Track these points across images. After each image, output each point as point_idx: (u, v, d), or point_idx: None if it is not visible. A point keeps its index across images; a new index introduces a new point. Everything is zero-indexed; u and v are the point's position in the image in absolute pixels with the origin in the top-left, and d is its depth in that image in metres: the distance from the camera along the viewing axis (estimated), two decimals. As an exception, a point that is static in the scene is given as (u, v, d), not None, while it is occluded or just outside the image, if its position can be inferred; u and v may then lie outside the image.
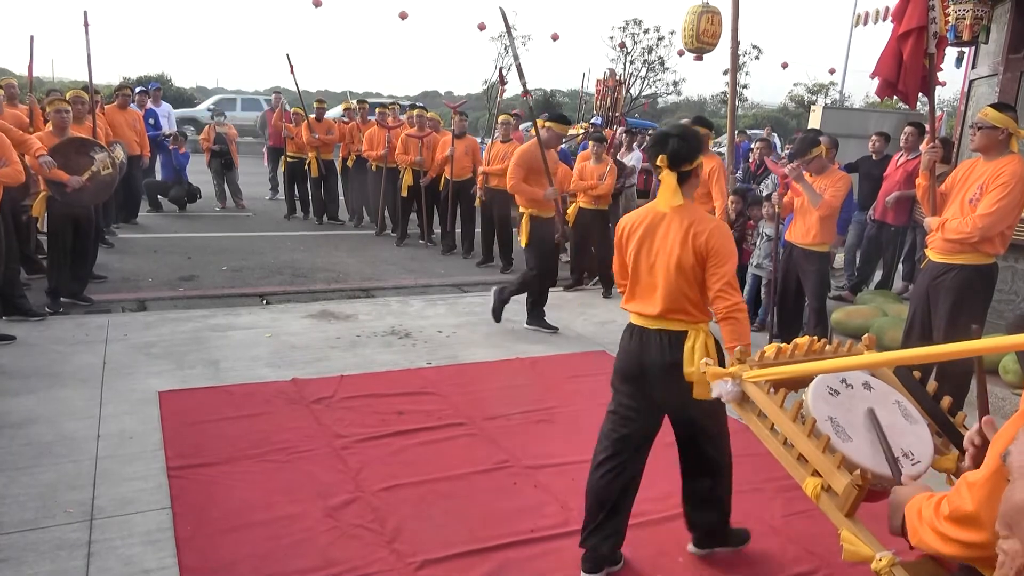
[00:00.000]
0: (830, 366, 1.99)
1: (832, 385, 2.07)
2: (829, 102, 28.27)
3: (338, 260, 8.77)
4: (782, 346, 2.34)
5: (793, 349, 2.33)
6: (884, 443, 1.92)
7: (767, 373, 2.15)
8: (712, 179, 6.28)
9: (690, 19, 8.47)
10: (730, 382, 2.22)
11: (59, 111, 6.02)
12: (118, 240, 8.90)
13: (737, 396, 2.22)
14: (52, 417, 4.00)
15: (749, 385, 2.19)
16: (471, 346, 5.64)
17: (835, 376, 2.09)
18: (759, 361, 2.29)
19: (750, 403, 2.21)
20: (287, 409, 4.27)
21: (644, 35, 28.37)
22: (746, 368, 2.23)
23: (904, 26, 4.41)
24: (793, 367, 2.18)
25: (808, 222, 5.29)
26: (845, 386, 2.09)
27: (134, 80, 23.94)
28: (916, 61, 4.41)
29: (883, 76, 4.58)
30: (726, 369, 2.28)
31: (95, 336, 5.33)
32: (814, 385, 2.06)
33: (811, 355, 2.33)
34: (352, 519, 3.18)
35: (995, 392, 4.83)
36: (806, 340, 2.36)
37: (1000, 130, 4.02)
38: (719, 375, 2.27)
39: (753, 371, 2.20)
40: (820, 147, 5.19)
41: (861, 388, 2.10)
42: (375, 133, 10.09)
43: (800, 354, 2.33)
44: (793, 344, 2.35)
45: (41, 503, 3.17)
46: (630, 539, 3.10)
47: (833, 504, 1.88)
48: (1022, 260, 5.09)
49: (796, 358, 2.31)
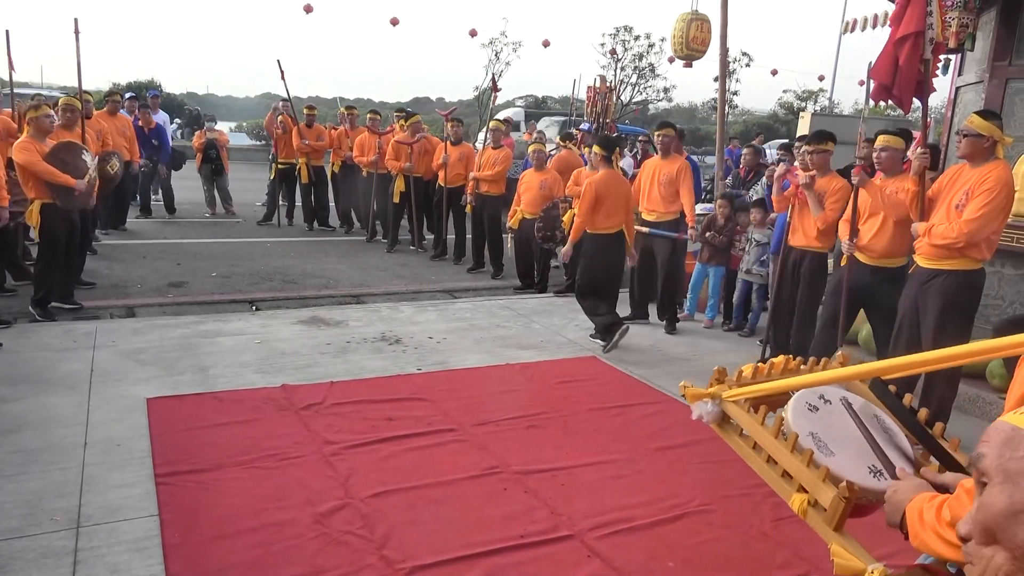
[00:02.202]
0: (809, 380, 2.00)
1: (811, 401, 2.08)
2: (818, 109, 28.43)
3: (328, 266, 8.75)
4: (759, 365, 2.35)
5: (769, 368, 2.35)
6: (873, 443, 1.92)
7: (746, 392, 2.16)
8: (680, 179, 6.43)
9: (680, 26, 8.52)
10: (710, 403, 2.22)
11: (46, 116, 6.00)
12: (107, 246, 8.85)
13: (718, 417, 2.22)
14: (39, 424, 3.97)
15: (729, 405, 2.19)
16: (461, 352, 5.64)
17: (813, 392, 2.09)
18: (737, 381, 2.29)
19: (730, 423, 2.22)
20: (276, 415, 4.25)
21: (635, 42, 28.50)
22: (725, 388, 2.23)
23: (902, 31, 4.44)
24: (772, 384, 2.18)
25: (808, 227, 5.41)
26: (823, 402, 2.10)
27: (123, 86, 23.89)
28: (912, 66, 4.44)
29: (879, 80, 4.61)
30: (706, 390, 2.27)
31: (83, 343, 5.29)
32: (793, 401, 2.06)
33: (787, 373, 2.35)
34: (341, 525, 3.16)
35: (982, 396, 4.87)
36: (781, 359, 2.37)
37: (985, 138, 4.06)
38: (699, 396, 2.26)
39: (732, 390, 2.21)
40: (832, 144, 5.39)
41: (839, 403, 2.11)
42: (366, 139, 10.09)
43: (776, 373, 2.34)
44: (769, 363, 2.36)
45: (27, 511, 3.14)
46: (619, 544, 3.11)
47: (821, 519, 1.88)
48: (1008, 265, 5.13)
49: (773, 376, 2.32)
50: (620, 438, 4.21)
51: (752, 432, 2.11)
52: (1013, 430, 0.95)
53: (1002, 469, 0.93)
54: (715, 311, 6.90)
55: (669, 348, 6.09)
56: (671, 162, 6.51)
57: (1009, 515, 0.91)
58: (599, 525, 3.25)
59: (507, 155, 8.86)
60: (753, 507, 3.48)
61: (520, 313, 6.87)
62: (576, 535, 3.17)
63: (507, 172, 8.86)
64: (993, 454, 0.95)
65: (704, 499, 3.53)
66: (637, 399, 4.82)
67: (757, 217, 6.49)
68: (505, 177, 8.84)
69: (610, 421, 4.45)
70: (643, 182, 6.68)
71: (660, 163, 6.56)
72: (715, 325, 6.87)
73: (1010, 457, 0.93)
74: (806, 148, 5.50)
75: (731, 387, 2.24)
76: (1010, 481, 0.92)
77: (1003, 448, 0.95)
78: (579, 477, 3.71)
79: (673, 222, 6.53)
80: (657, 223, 6.54)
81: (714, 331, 6.75)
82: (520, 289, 8.10)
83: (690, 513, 3.42)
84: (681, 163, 6.54)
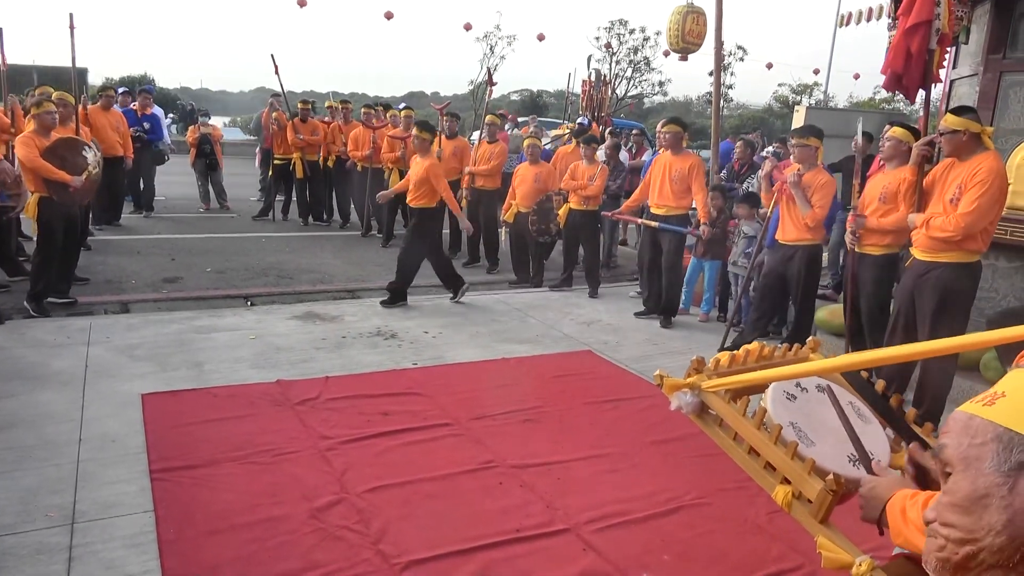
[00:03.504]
0: (793, 371, 1.98)
1: (788, 390, 2.06)
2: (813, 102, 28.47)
3: (323, 261, 8.73)
4: (735, 353, 2.32)
5: (745, 356, 2.31)
6: (853, 435, 1.92)
7: (726, 382, 2.11)
8: (691, 176, 6.42)
9: (675, 19, 8.50)
10: (689, 393, 2.16)
11: (48, 112, 5.97)
12: (101, 242, 8.82)
13: (697, 408, 2.16)
14: (33, 420, 3.96)
15: (709, 395, 2.14)
16: (457, 346, 5.63)
17: (790, 380, 2.07)
18: (715, 370, 2.24)
19: (710, 414, 2.17)
20: (271, 411, 4.25)
21: (630, 36, 28.51)
22: (704, 378, 2.18)
23: (912, 19, 4.43)
24: (754, 375, 2.12)
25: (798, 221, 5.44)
26: (800, 390, 2.09)
27: (116, 80, 23.78)
28: (920, 56, 4.45)
29: (893, 69, 4.61)
30: (684, 380, 2.21)
31: (77, 338, 5.27)
32: (771, 391, 2.04)
33: (762, 360, 2.31)
34: (337, 520, 3.16)
35: (977, 389, 4.84)
36: (756, 346, 2.35)
37: (962, 132, 4.08)
38: (677, 386, 2.19)
39: (712, 380, 2.15)
40: (819, 140, 5.47)
41: (815, 391, 2.10)
42: (360, 133, 10.06)
43: (752, 360, 2.31)
44: (744, 350, 2.33)
45: (22, 507, 3.13)
46: (614, 538, 3.11)
47: (806, 511, 1.87)
48: (1002, 258, 5.14)
49: (749, 365, 2.28)
50: (615, 432, 4.21)
51: (734, 424, 2.08)
52: (969, 418, 0.97)
53: (962, 457, 0.96)
54: (711, 305, 6.91)
55: (665, 342, 6.09)
56: (683, 158, 6.49)
57: (974, 499, 0.93)
58: (595, 519, 3.26)
59: (503, 149, 8.84)
60: (748, 500, 3.48)
61: (515, 308, 6.87)
62: (572, 529, 3.18)
63: (503, 167, 8.85)
64: (953, 443, 0.98)
65: (699, 492, 3.54)
66: (632, 393, 4.83)
67: (744, 211, 6.50)
68: (501, 172, 8.84)
69: (605, 415, 4.46)
70: (653, 177, 6.67)
71: (671, 159, 6.54)
72: (711, 319, 6.88)
73: (968, 444, 0.96)
74: (791, 140, 5.61)
75: (709, 377, 2.19)
76: (971, 467, 0.95)
77: (961, 436, 0.97)
78: (575, 471, 3.71)
79: (681, 217, 6.54)
80: (666, 217, 6.54)
81: (710, 324, 6.76)
82: (515, 284, 8.09)
83: (685, 506, 3.42)
84: (693, 160, 6.51)
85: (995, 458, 0.92)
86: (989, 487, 0.92)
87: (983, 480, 0.93)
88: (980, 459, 0.94)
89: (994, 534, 0.91)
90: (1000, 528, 0.90)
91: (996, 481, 0.92)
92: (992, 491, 0.92)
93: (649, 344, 5.98)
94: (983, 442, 0.94)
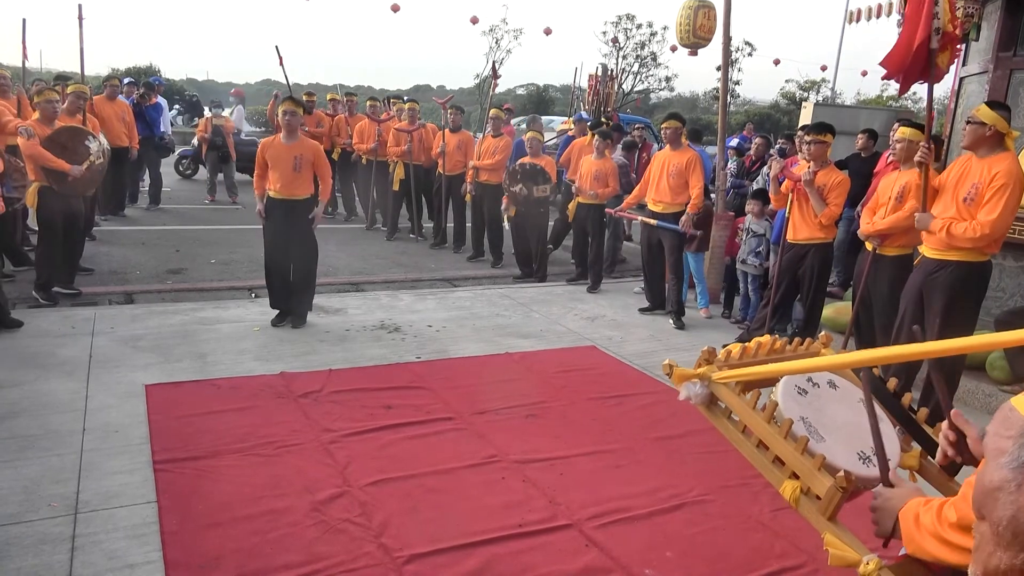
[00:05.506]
0: (805, 366, 1.95)
1: (800, 384, 2.04)
2: (820, 99, 28.35)
3: (328, 254, 8.67)
4: (747, 346, 2.29)
5: (756, 348, 2.29)
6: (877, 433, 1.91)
7: (737, 374, 2.07)
8: (689, 169, 6.43)
9: (686, 13, 8.45)
10: (699, 384, 2.13)
11: (49, 101, 5.98)
12: (106, 232, 8.83)
13: (706, 399, 2.13)
14: (37, 410, 3.96)
15: (719, 386, 2.11)
16: (461, 341, 5.63)
17: (801, 375, 2.05)
18: (726, 361, 2.21)
19: (719, 406, 2.14)
20: (274, 403, 4.24)
21: (637, 31, 28.43)
22: (714, 369, 2.15)
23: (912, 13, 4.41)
24: (765, 368, 2.10)
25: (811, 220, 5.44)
26: (812, 385, 2.06)
27: (123, 71, 23.78)
28: (921, 51, 4.42)
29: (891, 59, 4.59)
30: (694, 370, 2.18)
31: (81, 329, 5.28)
32: (783, 385, 2.02)
33: (773, 353, 2.28)
34: (339, 514, 3.16)
35: (982, 388, 4.86)
36: (767, 339, 2.31)
37: (988, 127, 4.04)
38: (686, 376, 2.16)
39: (722, 372, 2.12)
40: (831, 137, 5.44)
41: (827, 387, 2.08)
42: (365, 126, 10.04)
43: (763, 353, 2.28)
44: (756, 343, 2.30)
45: (25, 497, 3.14)
46: (617, 534, 3.11)
47: (814, 507, 1.85)
48: (1009, 257, 5.12)
49: (760, 357, 2.25)
50: (618, 428, 4.20)
51: (743, 416, 2.05)
52: (1010, 410, 0.96)
53: (992, 448, 0.96)
54: (705, 297, 6.89)
55: (669, 338, 6.08)
56: (681, 154, 6.47)
57: (988, 492, 0.93)
58: (597, 515, 3.25)
59: (507, 143, 8.81)
60: (751, 497, 3.48)
61: (519, 302, 6.86)
62: (574, 524, 3.17)
63: (507, 161, 8.83)
64: (991, 432, 0.97)
65: (702, 489, 3.53)
66: (636, 389, 4.81)
67: (755, 208, 6.46)
68: (505, 166, 8.82)
69: (609, 411, 4.45)
70: (652, 173, 6.66)
71: (670, 154, 6.52)
72: (715, 315, 6.86)
73: (1000, 435, 0.95)
74: (805, 137, 5.55)
75: (720, 368, 2.16)
76: (994, 459, 0.94)
77: (999, 427, 0.96)
78: (577, 467, 3.70)
79: (678, 214, 6.52)
80: (663, 215, 6.52)
81: (714, 321, 6.74)
82: (520, 278, 8.09)
83: (688, 503, 3.41)
84: (691, 155, 6.51)
85: (1014, 453, 0.91)
86: (1001, 481, 0.91)
87: (998, 474, 0.92)
88: (1001, 452, 0.93)
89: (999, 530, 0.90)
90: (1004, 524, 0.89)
91: (1007, 476, 0.91)
92: (1003, 485, 0.91)
93: (653, 340, 5.96)
94: (1010, 436, 0.93)
